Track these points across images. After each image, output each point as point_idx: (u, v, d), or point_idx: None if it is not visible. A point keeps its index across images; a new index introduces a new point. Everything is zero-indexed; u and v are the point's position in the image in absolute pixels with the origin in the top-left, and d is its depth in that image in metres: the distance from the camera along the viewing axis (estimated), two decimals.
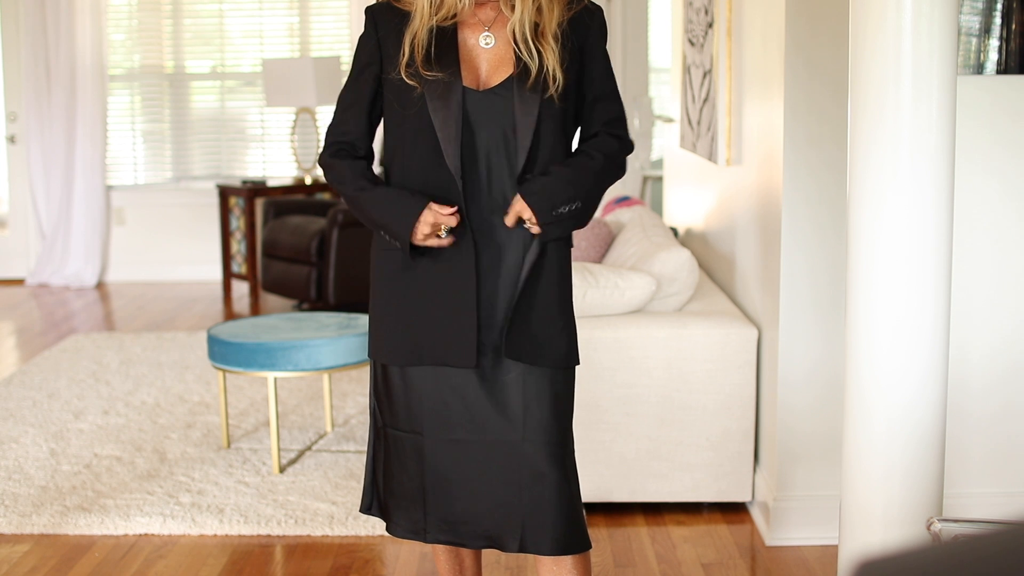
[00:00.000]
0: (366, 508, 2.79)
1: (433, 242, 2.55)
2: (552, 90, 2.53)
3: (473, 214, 2.57)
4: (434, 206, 2.52)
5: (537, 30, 2.54)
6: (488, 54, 2.58)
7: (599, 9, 2.64)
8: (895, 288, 2.62)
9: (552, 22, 2.53)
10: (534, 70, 2.53)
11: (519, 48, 2.54)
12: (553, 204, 2.53)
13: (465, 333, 2.56)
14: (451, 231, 2.55)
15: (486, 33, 2.58)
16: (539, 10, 2.54)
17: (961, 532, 2.43)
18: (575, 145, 2.68)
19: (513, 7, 2.54)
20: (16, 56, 8.45)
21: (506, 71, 2.56)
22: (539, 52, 2.53)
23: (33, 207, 8.52)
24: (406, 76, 2.54)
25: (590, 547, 2.62)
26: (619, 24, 7.22)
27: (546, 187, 2.53)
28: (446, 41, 2.56)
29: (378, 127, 2.70)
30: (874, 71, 2.59)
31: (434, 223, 2.52)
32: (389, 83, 2.59)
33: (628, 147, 2.66)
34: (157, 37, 8.57)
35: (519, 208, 2.54)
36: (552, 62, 2.52)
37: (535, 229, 2.54)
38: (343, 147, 2.65)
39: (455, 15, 2.57)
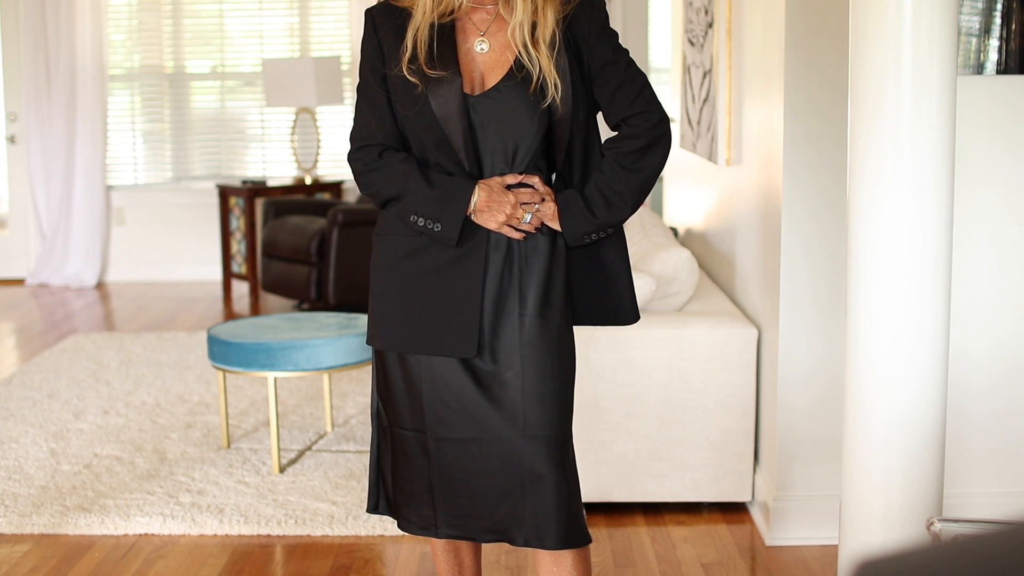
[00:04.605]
0: (372, 508, 2.79)
1: (508, 231, 2.57)
2: (554, 95, 2.53)
3: None
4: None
5: (535, 34, 2.54)
6: (482, 58, 2.58)
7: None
8: (895, 288, 2.62)
9: (547, 28, 2.53)
10: (534, 76, 2.53)
11: (520, 53, 2.54)
12: (585, 231, 2.59)
13: (467, 322, 2.57)
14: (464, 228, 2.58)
15: (481, 38, 2.58)
16: (536, 11, 2.54)
17: (961, 532, 2.43)
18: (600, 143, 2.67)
19: (512, 10, 2.54)
20: (16, 56, 8.45)
21: (499, 73, 2.57)
22: (536, 58, 2.53)
23: (33, 207, 8.52)
24: (408, 73, 2.54)
25: (591, 541, 2.65)
26: (619, 24, 7.21)
27: (582, 215, 2.58)
28: (445, 40, 2.56)
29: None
30: (874, 71, 2.59)
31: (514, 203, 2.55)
32: (390, 80, 2.59)
33: (661, 124, 2.60)
34: (157, 37, 8.56)
35: (549, 219, 2.58)
36: (548, 69, 2.52)
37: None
38: (375, 149, 2.61)
39: (452, 12, 2.57)
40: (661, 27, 7.08)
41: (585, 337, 3.83)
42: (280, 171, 8.67)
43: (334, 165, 8.59)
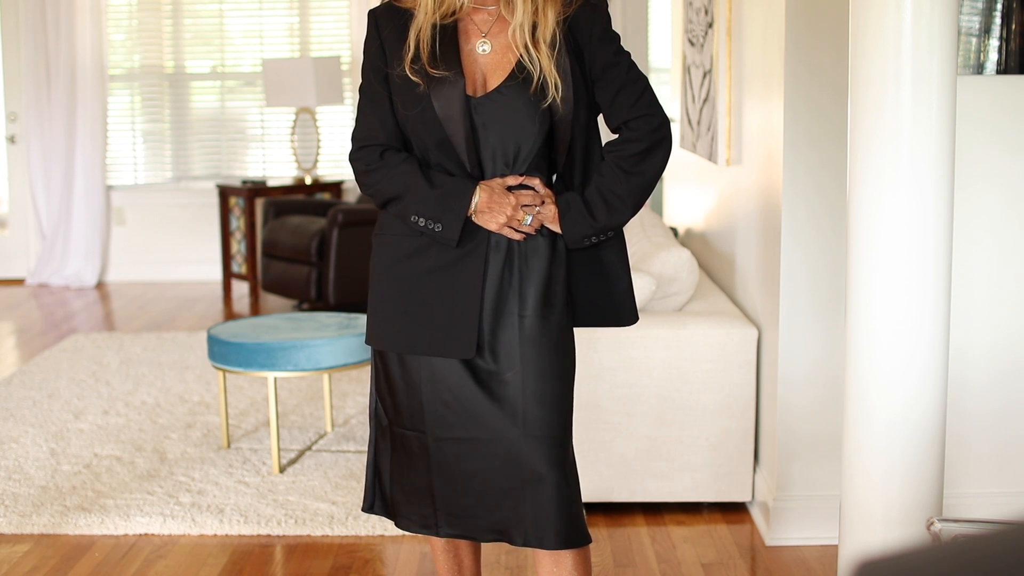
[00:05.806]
0: (368, 508, 2.80)
1: (508, 232, 2.57)
2: (555, 95, 2.53)
3: None
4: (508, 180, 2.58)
5: (535, 34, 2.54)
6: (484, 59, 2.59)
7: (601, 1, 2.63)
8: (895, 288, 2.62)
9: (547, 28, 2.53)
10: (535, 76, 2.53)
11: (521, 54, 2.54)
12: (585, 234, 2.59)
13: (466, 322, 2.57)
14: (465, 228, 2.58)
15: (483, 39, 2.58)
16: (537, 11, 2.54)
17: (961, 532, 2.43)
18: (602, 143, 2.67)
19: (513, 11, 2.54)
20: (16, 56, 8.45)
21: (502, 75, 2.57)
22: (537, 58, 2.53)
23: (33, 207, 8.52)
24: (410, 73, 2.54)
25: (591, 541, 2.64)
26: (619, 24, 7.21)
27: (583, 217, 2.58)
28: (447, 40, 2.57)
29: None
30: (874, 71, 2.59)
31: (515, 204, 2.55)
32: (393, 80, 2.59)
33: (662, 127, 2.59)
34: (157, 37, 8.57)
35: (550, 222, 2.58)
36: (549, 69, 2.52)
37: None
38: (376, 149, 2.61)
39: (454, 12, 2.57)
40: (661, 27, 7.08)
41: (585, 337, 3.83)
42: (280, 171, 8.67)
43: (334, 165, 8.59)
